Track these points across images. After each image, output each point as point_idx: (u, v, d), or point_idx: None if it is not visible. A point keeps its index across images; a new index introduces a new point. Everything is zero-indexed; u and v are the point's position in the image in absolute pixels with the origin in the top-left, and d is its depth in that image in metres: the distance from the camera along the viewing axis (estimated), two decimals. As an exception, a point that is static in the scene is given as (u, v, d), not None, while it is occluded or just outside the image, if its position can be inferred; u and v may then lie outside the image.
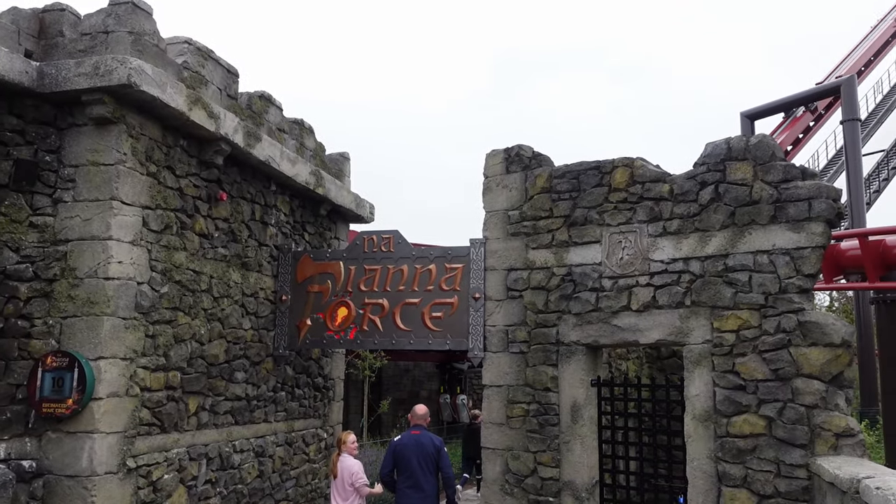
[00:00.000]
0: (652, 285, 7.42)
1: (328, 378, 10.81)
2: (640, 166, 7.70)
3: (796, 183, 6.84)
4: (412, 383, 24.71)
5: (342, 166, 11.31)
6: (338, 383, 11.13)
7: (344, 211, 11.11)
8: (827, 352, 6.50)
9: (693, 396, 7.07)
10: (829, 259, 13.12)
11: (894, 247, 13.33)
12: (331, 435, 10.75)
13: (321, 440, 10.45)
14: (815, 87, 27.27)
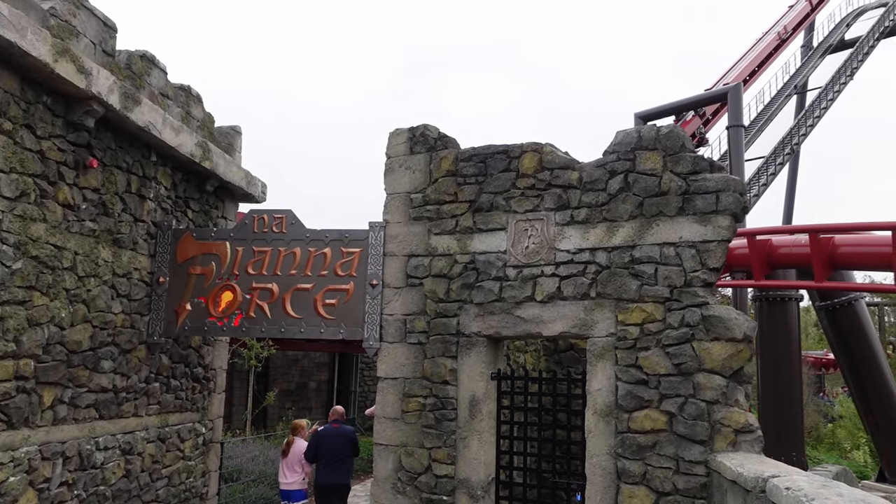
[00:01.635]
0: (557, 276, 7.16)
1: (209, 368, 10.02)
2: (550, 152, 7.42)
3: (705, 175, 6.73)
4: (301, 374, 23.87)
5: (233, 140, 10.52)
6: (220, 374, 10.35)
7: (233, 188, 10.33)
8: (729, 347, 6.42)
9: (595, 391, 6.86)
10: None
11: (780, 247, 13.83)
12: (210, 429, 9.98)
13: (199, 435, 9.67)
14: (704, 92, 28.31)
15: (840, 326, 15.65)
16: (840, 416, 24.86)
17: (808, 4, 34.17)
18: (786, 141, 30.90)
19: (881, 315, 33.58)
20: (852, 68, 33.99)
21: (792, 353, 15.51)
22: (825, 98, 32.50)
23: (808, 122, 31.89)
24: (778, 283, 14.45)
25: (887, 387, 15.87)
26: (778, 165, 30.43)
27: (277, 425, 19.50)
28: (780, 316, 15.41)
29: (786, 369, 15.31)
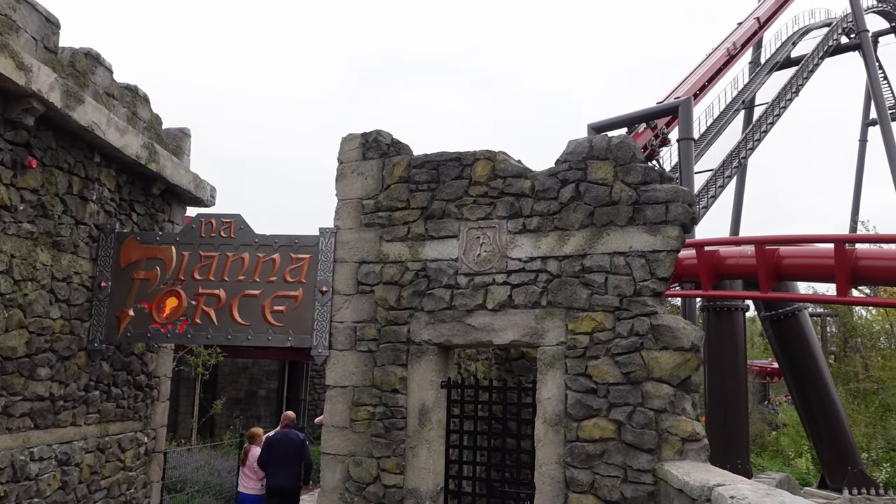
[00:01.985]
0: (509, 284, 7.14)
1: (152, 376, 9.75)
2: (503, 160, 7.41)
3: (655, 186, 6.80)
4: (250, 382, 23.46)
5: (181, 142, 10.28)
6: (164, 382, 10.08)
7: (180, 191, 10.08)
8: (677, 356, 6.48)
9: (545, 400, 6.85)
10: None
11: (727, 257, 14.09)
12: (152, 439, 9.70)
13: (140, 445, 9.38)
14: (656, 105, 28.80)
15: (784, 336, 16.01)
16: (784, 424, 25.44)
17: (756, 22, 35.07)
18: (734, 154, 31.63)
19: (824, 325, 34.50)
20: (798, 85, 35.00)
21: (738, 362, 15.80)
22: (772, 113, 33.38)
23: (755, 137, 32.70)
24: (725, 294, 14.71)
25: (829, 395, 16.28)
26: (726, 178, 31.12)
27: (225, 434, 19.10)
28: (726, 325, 15.70)
29: (732, 378, 15.59)
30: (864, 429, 21.60)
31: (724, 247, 14.73)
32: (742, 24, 35.10)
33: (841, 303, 15.07)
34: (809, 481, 19.91)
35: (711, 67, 31.58)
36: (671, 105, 27.47)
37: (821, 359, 16.66)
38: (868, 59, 38.64)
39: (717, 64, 31.82)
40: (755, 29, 35.12)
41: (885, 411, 22.76)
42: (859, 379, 25.14)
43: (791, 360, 16.13)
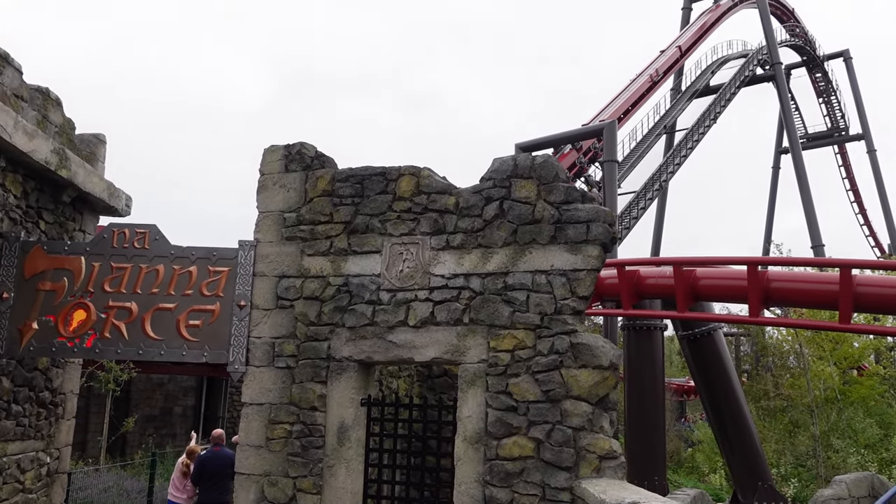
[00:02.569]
0: (431, 300, 7.10)
1: (57, 392, 9.26)
2: (427, 176, 7.39)
3: (577, 205, 6.88)
4: (166, 398, 22.66)
5: (95, 149, 9.88)
6: (70, 398, 9.59)
7: (93, 200, 9.66)
8: (596, 374, 6.54)
9: (465, 417, 6.81)
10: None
11: (647, 277, 14.41)
12: (56, 459, 9.20)
13: (42, 465, 8.89)
14: (581, 127, 29.43)
15: (700, 355, 16.47)
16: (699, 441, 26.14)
17: (677, 51, 36.32)
18: (655, 177, 32.57)
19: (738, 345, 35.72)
20: (716, 112, 36.39)
21: (656, 380, 16.17)
22: (691, 139, 34.58)
23: (675, 161, 33.77)
24: (643, 313, 15.04)
25: (741, 413, 16.80)
26: (648, 200, 32.01)
27: (136, 453, 18.34)
28: (645, 344, 16.06)
29: (650, 396, 15.93)
30: (774, 445, 22.41)
31: (644, 267, 15.08)
32: (665, 52, 36.29)
33: (753, 323, 15.61)
34: (723, 497, 20.49)
35: (635, 93, 32.48)
36: (596, 127, 28.09)
37: (734, 377, 17.19)
38: (781, 90, 40.54)
39: (641, 89, 32.76)
40: (677, 57, 36.37)
41: (793, 428, 23.68)
42: (770, 397, 26.10)
43: (706, 378, 16.60)
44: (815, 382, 23.67)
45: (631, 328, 16.25)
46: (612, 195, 26.14)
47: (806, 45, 48.03)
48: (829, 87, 51.15)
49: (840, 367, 25.39)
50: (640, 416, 16.06)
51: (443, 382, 10.70)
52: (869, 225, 54.81)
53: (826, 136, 53.55)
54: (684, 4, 43.91)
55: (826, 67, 50.48)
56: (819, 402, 23.38)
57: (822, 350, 24.71)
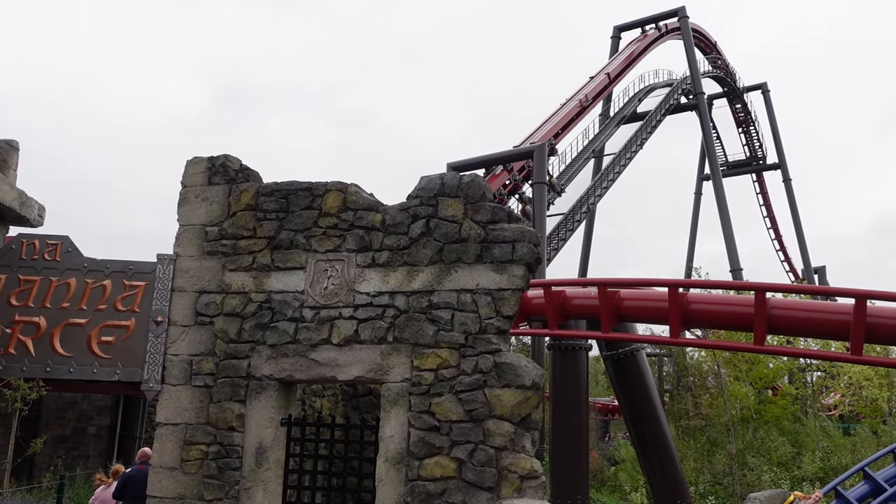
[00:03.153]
0: (355, 318, 7.01)
1: (-43, 411, 8.75)
2: (354, 192, 7.32)
3: (503, 225, 6.92)
4: (79, 418, 21.64)
5: (7, 156, 9.43)
6: (-30, 418, 9.07)
7: (3, 209, 9.21)
8: (518, 393, 6.56)
9: (387, 437, 6.72)
10: (517, 306, 13.99)
11: (573, 298, 14.62)
12: (-48, 482, 8.66)
13: (-63, 489, 8.35)
14: (513, 149, 29.87)
15: (623, 374, 16.80)
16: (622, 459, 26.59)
17: (606, 78, 37.35)
18: (583, 200, 33.26)
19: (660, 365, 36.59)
20: (642, 138, 37.50)
21: (580, 399, 16.39)
22: (618, 163, 35.49)
23: (603, 184, 34.59)
24: (569, 333, 15.25)
25: (662, 432, 17.18)
26: (576, 222, 32.63)
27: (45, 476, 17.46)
28: (570, 364, 16.28)
29: (574, 415, 16.13)
30: (692, 463, 22.97)
31: (570, 288, 15.31)
32: (594, 79, 37.27)
33: (673, 343, 16.02)
34: (644, 514, 20.85)
35: (565, 117, 33.21)
36: (527, 149, 28.58)
37: (655, 397, 17.59)
38: (703, 119, 42.12)
39: (571, 114, 33.53)
40: (606, 84, 37.40)
41: (711, 447, 24.35)
42: (690, 416, 26.80)
43: (628, 397, 16.92)
44: (732, 402, 24.42)
45: (557, 348, 16.45)
46: (541, 216, 26.57)
47: (727, 76, 50.08)
48: (748, 117, 53.45)
49: (756, 387, 26.29)
50: (565, 434, 16.23)
51: (368, 402, 10.57)
52: (784, 251, 57.27)
53: (745, 164, 55.90)
54: (613, 33, 45.21)
55: (745, 99, 52.75)
56: (736, 421, 24.12)
57: (738, 371, 25.55)
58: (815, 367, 31.29)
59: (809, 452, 22.52)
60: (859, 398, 27.67)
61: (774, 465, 21.70)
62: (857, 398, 27.89)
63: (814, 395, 30.36)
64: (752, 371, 25.89)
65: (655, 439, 17.15)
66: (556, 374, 16.89)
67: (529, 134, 31.91)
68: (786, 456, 22.49)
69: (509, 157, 29.07)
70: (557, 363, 16.71)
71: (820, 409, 29.42)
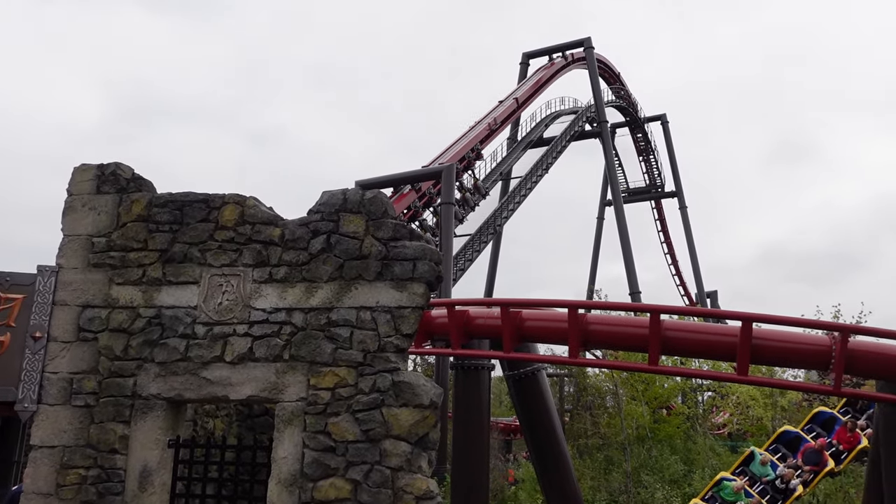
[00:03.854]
0: (251, 335, 6.79)
1: None
2: (253, 206, 7.13)
3: (404, 242, 6.89)
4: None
5: None
6: None
7: None
8: (416, 413, 6.50)
9: (281, 459, 6.52)
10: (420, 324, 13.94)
11: (476, 317, 14.71)
12: None
13: None
14: (421, 169, 29.97)
15: (524, 394, 16.95)
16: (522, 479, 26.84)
17: (515, 102, 38.10)
18: (490, 221, 33.69)
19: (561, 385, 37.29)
20: (548, 163, 38.39)
21: (482, 418, 16.43)
22: (525, 186, 36.18)
23: (510, 206, 35.15)
24: (471, 352, 15.31)
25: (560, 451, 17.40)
26: (483, 243, 33.00)
27: None
28: (473, 383, 16.30)
29: (475, 434, 16.14)
30: (590, 482, 23.42)
31: (474, 307, 15.40)
32: (503, 103, 37.95)
33: (573, 364, 16.32)
34: (543, 533, 21.04)
35: (474, 139, 33.61)
36: (435, 170, 28.73)
37: (555, 416, 17.83)
38: (606, 146, 43.58)
39: (480, 136, 33.96)
40: (514, 108, 38.13)
41: (608, 465, 24.92)
42: (588, 435, 27.38)
43: (529, 417, 17.08)
44: (628, 421, 25.12)
45: (460, 367, 16.47)
46: (448, 236, 26.71)
47: (629, 107, 52.06)
48: (648, 146, 55.65)
49: (651, 406, 27.15)
50: (466, 454, 16.23)
51: (264, 422, 10.27)
52: (679, 275, 59.73)
53: (645, 191, 58.11)
54: (522, 60, 46.23)
55: (646, 129, 54.94)
56: (632, 440, 24.81)
57: (635, 391, 26.33)
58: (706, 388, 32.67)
59: (699, 470, 23.36)
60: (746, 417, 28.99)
61: (667, 482, 22.40)
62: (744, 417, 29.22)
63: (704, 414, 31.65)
64: (648, 391, 26.73)
65: (554, 459, 17.36)
66: (458, 394, 16.89)
67: (438, 154, 32.13)
68: (677, 473, 23.25)
69: (417, 176, 29.15)
70: (460, 383, 16.71)
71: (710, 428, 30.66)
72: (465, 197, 31.81)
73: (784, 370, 24.91)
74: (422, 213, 29.81)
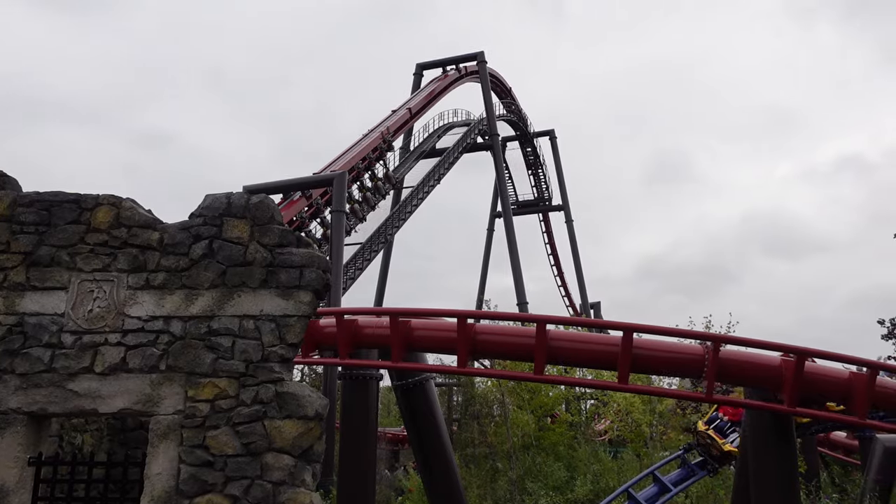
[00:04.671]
0: (124, 345, 6.42)
1: None
2: (129, 208, 6.75)
3: (291, 249, 6.70)
4: None
5: None
6: None
7: None
8: (300, 425, 6.32)
9: (154, 475, 6.18)
10: (307, 333, 13.64)
11: (365, 327, 14.57)
12: None
13: None
14: (312, 176, 29.53)
15: (412, 404, 16.90)
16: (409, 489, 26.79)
17: (408, 112, 38.24)
18: (381, 230, 33.59)
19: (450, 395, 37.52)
20: (440, 174, 38.73)
21: (369, 429, 16.25)
22: (416, 196, 36.33)
23: (401, 216, 35.19)
24: (359, 362, 15.13)
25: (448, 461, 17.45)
26: (373, 252, 32.84)
27: None
28: (361, 394, 16.11)
29: (363, 445, 15.96)
30: (476, 490, 23.63)
31: (362, 316, 15.25)
32: (396, 112, 38.00)
33: (462, 373, 16.47)
34: (428, 543, 21.02)
35: (367, 147, 33.45)
36: (326, 177, 28.37)
37: (442, 426, 17.87)
38: (497, 159, 44.38)
39: (373, 145, 33.84)
40: (407, 118, 38.27)
41: (494, 473, 25.23)
42: (475, 444, 27.63)
43: (417, 427, 17.04)
44: (514, 430, 25.53)
45: (348, 377, 16.24)
46: (338, 245, 26.39)
47: (520, 121, 53.31)
48: (537, 161, 57.15)
49: (536, 415, 27.72)
50: (353, 465, 16.01)
51: (138, 436, 9.73)
52: (565, 286, 61.59)
53: (533, 204, 59.60)
54: (416, 70, 46.50)
55: (535, 143, 56.41)
56: (517, 448, 25.22)
57: (521, 399, 26.81)
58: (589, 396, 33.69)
59: (582, 476, 24.03)
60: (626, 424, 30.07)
61: (551, 489, 22.89)
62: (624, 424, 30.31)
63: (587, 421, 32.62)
64: (534, 400, 27.29)
65: (441, 468, 17.40)
66: (346, 404, 16.66)
67: (330, 162, 31.77)
68: (561, 480, 23.81)
69: (308, 183, 28.71)
70: (348, 393, 16.49)
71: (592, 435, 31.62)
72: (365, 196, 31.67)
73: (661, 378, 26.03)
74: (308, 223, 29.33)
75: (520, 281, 40.40)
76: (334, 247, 26.13)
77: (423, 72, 46.39)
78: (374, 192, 32.72)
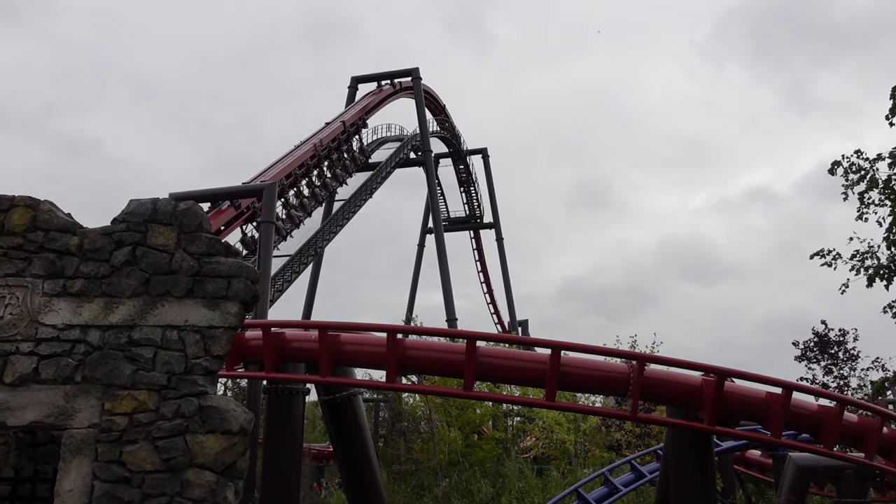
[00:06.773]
0: (37, 354, 6.11)
1: None
2: (48, 210, 6.45)
3: (219, 258, 6.52)
4: None
5: None
6: None
7: None
8: (224, 440, 6.12)
9: (65, 492, 5.87)
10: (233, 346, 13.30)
11: (293, 340, 14.31)
12: None
13: None
14: (241, 185, 28.96)
15: (338, 419, 16.65)
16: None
17: (342, 125, 37.96)
18: (311, 243, 33.17)
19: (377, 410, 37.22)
20: (372, 188, 38.58)
21: (294, 444, 15.90)
22: (348, 209, 36.06)
23: (332, 229, 34.85)
24: (285, 376, 14.83)
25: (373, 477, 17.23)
26: (303, 265, 32.37)
27: None
28: (286, 408, 15.77)
29: (287, 461, 15.61)
30: (402, 507, 23.42)
31: (290, 330, 14.98)
32: (330, 125, 37.68)
33: (390, 388, 16.33)
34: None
35: (299, 159, 33.01)
36: (256, 187, 27.87)
37: (369, 442, 17.66)
38: (429, 175, 44.50)
39: (305, 156, 33.42)
40: (341, 131, 37.98)
41: (420, 490, 25.06)
42: (402, 461, 27.44)
43: (343, 442, 16.78)
44: (441, 446, 25.45)
45: (273, 391, 15.89)
46: (267, 256, 25.91)
47: (453, 138, 53.65)
48: (469, 178, 57.59)
49: (464, 431, 27.72)
50: (276, 482, 15.64)
51: (49, 451, 9.24)
52: (494, 303, 62.03)
53: (464, 221, 59.97)
54: (351, 83, 46.26)
55: (468, 161, 56.85)
56: (444, 464, 25.14)
57: (449, 416, 26.77)
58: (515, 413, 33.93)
59: (507, 493, 24.10)
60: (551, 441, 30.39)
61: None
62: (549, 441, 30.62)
63: (513, 438, 32.80)
64: (462, 416, 27.28)
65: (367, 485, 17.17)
66: (270, 419, 16.28)
67: (260, 172, 31.21)
68: (487, 496, 23.83)
69: (238, 192, 28.12)
70: (273, 407, 16.12)
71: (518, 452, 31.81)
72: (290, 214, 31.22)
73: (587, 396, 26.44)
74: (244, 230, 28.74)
75: (450, 297, 40.45)
76: (262, 258, 25.64)
77: (357, 85, 46.19)
78: (312, 198, 32.31)
